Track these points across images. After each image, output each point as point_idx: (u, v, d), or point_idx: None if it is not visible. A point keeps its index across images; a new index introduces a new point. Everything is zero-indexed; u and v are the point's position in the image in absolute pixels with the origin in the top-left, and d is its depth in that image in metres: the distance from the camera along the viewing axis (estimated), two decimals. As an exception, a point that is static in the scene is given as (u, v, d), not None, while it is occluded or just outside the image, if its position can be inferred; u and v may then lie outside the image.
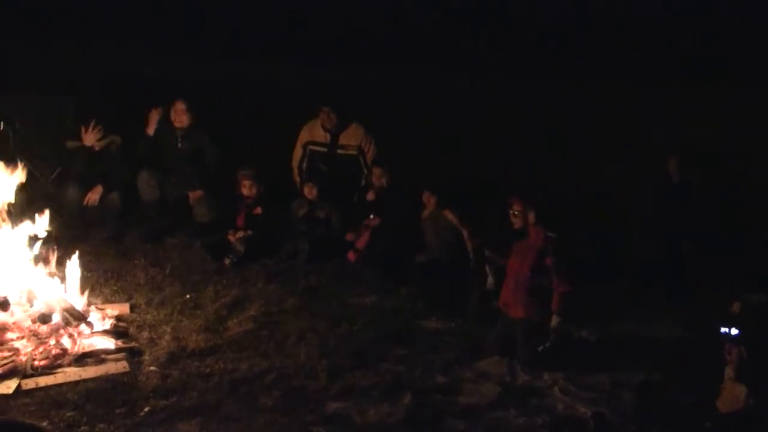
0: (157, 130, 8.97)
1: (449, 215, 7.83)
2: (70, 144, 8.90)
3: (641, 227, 8.57)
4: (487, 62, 17.87)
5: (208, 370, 6.11)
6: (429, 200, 7.97)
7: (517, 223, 6.64)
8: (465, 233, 7.70)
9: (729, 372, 5.35)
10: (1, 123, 9.53)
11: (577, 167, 10.91)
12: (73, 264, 6.89)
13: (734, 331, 5.20)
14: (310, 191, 8.60)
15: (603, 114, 13.67)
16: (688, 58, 17.34)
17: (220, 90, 13.57)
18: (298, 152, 9.11)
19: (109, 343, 6.34)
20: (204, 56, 17.46)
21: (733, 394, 5.29)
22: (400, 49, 18.58)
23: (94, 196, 8.67)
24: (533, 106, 14.28)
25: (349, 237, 8.33)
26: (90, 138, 8.76)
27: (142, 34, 18.02)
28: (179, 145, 8.94)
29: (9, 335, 6.24)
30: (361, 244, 8.27)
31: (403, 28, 19.51)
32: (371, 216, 8.35)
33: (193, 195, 8.86)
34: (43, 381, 5.84)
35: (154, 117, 8.94)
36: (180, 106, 8.91)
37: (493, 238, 7.00)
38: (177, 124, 8.92)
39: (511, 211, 6.64)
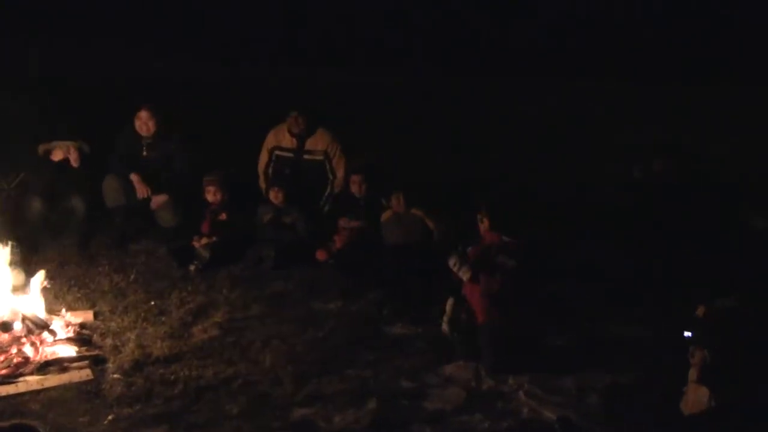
0: (122, 138, 8.89)
1: (417, 212, 7.87)
2: (42, 147, 8.78)
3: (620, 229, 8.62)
4: (475, 62, 17.91)
5: (172, 377, 6.09)
6: (399, 200, 7.97)
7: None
8: (431, 224, 7.75)
9: (692, 374, 5.40)
10: None
11: (559, 169, 10.98)
12: (36, 272, 6.85)
13: (687, 333, 5.25)
14: (276, 196, 8.56)
15: (592, 114, 13.73)
16: (685, 58, 17.47)
17: (189, 93, 13.49)
18: (264, 157, 9.06)
19: (73, 351, 6.31)
20: (177, 59, 17.35)
21: (696, 397, 5.34)
22: (379, 51, 18.57)
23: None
24: (524, 107, 14.31)
25: (320, 256, 8.31)
26: (58, 154, 8.70)
27: (114, 35, 17.87)
28: (144, 153, 8.85)
29: (-31, 344, 6.17)
30: (339, 244, 8.25)
31: (382, 28, 19.51)
32: (347, 219, 8.33)
33: (156, 200, 8.77)
34: (5, 390, 5.80)
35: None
36: (145, 114, 8.81)
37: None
38: (142, 132, 8.83)
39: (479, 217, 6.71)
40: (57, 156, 8.70)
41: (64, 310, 6.89)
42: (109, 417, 5.55)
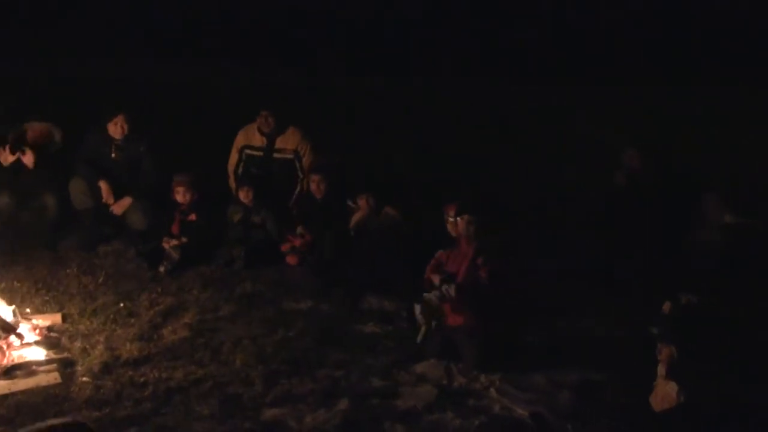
0: (91, 140, 8.81)
1: (391, 211, 7.88)
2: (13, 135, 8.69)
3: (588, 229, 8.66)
4: (444, 65, 17.95)
5: (142, 379, 6.04)
6: (368, 201, 7.98)
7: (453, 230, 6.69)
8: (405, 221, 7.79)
9: (660, 370, 5.46)
10: None
11: (534, 170, 11.02)
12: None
13: (655, 330, 5.29)
14: (246, 195, 8.52)
15: (568, 116, 13.79)
16: (661, 61, 17.61)
17: (157, 93, 13.41)
18: (234, 157, 9.03)
19: (41, 355, 6.22)
20: (140, 57, 17.23)
21: (665, 391, 5.40)
22: (344, 52, 18.55)
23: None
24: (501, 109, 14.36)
25: (285, 248, 8.31)
26: (5, 158, 8.59)
27: (78, 33, 17.73)
28: (113, 155, 8.78)
29: (-65, 349, 6.10)
30: (301, 245, 8.26)
31: (345, 30, 19.50)
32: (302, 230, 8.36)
33: (120, 204, 8.69)
34: (-28, 395, 5.72)
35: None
36: (121, 118, 8.73)
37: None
38: (116, 135, 8.74)
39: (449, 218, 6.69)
40: (35, 137, 8.60)
41: (30, 312, 6.83)
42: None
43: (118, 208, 8.68)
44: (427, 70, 17.65)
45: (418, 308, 6.51)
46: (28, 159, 8.50)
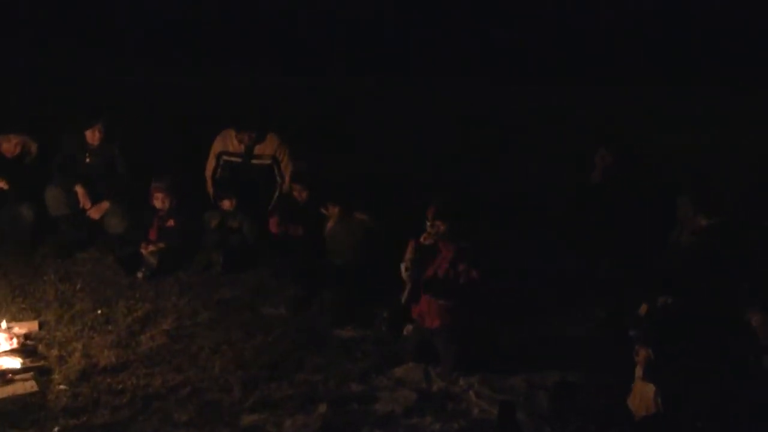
0: (65, 145, 8.78)
1: (361, 216, 7.86)
2: None
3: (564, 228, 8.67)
4: (444, 65, 17.91)
5: (120, 386, 6.03)
6: (333, 211, 7.96)
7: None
8: (376, 226, 7.76)
9: (638, 372, 5.49)
10: None
11: (510, 170, 11.01)
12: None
13: (632, 332, 5.33)
14: (230, 204, 8.48)
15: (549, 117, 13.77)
16: (640, 60, 17.62)
17: (135, 97, 13.31)
18: (211, 163, 8.96)
19: (17, 363, 6.20)
20: (122, 61, 17.08)
21: (643, 393, 5.43)
22: (344, 52, 18.49)
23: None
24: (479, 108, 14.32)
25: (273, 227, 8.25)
26: (10, 148, 8.58)
27: (55, 34, 17.58)
28: (87, 159, 8.74)
29: None
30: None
31: (345, 30, 19.45)
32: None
33: (98, 209, 8.65)
34: (-53, 405, 5.69)
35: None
36: (99, 128, 8.71)
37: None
38: (92, 142, 8.71)
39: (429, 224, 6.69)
40: (10, 149, 8.57)
41: (5, 322, 6.79)
42: (55, 429, 5.49)
43: (96, 212, 8.63)
44: (427, 70, 17.58)
45: (402, 267, 6.52)
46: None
